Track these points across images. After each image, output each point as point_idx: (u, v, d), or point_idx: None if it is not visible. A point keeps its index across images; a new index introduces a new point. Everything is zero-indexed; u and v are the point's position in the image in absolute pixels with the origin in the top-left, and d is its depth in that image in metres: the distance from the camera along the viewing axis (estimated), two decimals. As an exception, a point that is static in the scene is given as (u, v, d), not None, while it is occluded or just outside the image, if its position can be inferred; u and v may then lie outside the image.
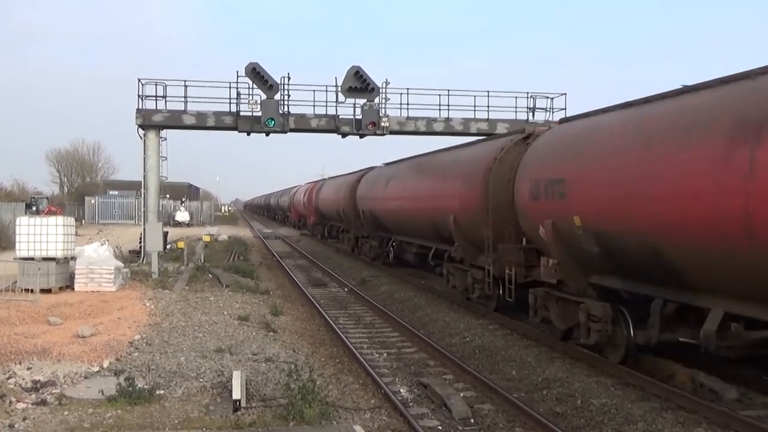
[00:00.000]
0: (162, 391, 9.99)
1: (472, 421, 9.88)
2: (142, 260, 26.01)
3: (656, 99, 10.86)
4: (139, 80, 26.91)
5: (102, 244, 20.52)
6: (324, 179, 50.72)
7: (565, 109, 28.69)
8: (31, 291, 17.64)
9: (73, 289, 18.74)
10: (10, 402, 9.36)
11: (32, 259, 18.37)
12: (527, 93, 28.78)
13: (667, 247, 9.71)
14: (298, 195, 61.17)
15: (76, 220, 22.74)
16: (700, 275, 9.46)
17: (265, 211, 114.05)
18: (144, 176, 27.56)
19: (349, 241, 35.78)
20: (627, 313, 11.48)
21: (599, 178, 11.23)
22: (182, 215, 67.67)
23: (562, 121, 15.15)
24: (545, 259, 13.32)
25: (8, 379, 10.34)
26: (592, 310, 11.89)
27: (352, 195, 33.24)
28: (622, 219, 10.53)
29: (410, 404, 10.64)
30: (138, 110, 26.94)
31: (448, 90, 28.26)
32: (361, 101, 27.15)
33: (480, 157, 17.43)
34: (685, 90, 10.22)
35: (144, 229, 26.24)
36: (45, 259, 18.39)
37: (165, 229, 27.84)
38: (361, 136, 27.89)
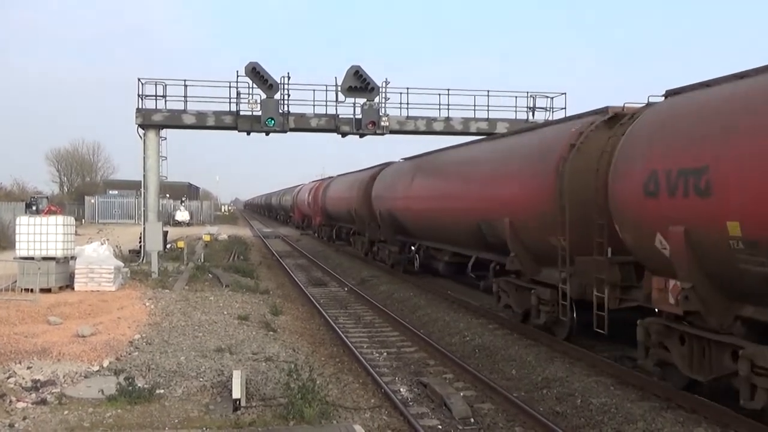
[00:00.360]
0: (162, 391, 9.99)
1: (472, 420, 9.89)
2: (142, 260, 26.02)
3: None
4: (138, 80, 26.93)
5: (102, 244, 20.53)
6: (332, 177, 45.04)
7: (564, 108, 28.74)
8: (31, 290, 17.64)
9: (72, 288, 18.74)
10: (10, 401, 9.36)
11: (32, 258, 18.37)
12: (527, 92, 28.81)
13: None
14: (302, 194, 57.22)
15: (75, 220, 22.75)
16: None
17: (266, 210, 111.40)
18: (144, 176, 27.56)
19: (362, 245, 32.42)
20: None
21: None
22: (182, 215, 67.65)
23: (670, 94, 10.60)
24: (661, 279, 9.97)
25: (8, 378, 10.34)
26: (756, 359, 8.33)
27: (366, 194, 29.99)
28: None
29: (410, 403, 10.65)
30: (138, 110, 26.94)
31: (448, 89, 28.31)
32: (361, 101, 27.17)
33: (549, 145, 13.97)
34: None
35: (144, 228, 26.25)
36: (45, 258, 18.39)
37: (165, 229, 27.86)
38: (361, 135, 27.90)
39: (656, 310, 10.28)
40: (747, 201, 7.98)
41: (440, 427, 9.66)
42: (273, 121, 26.37)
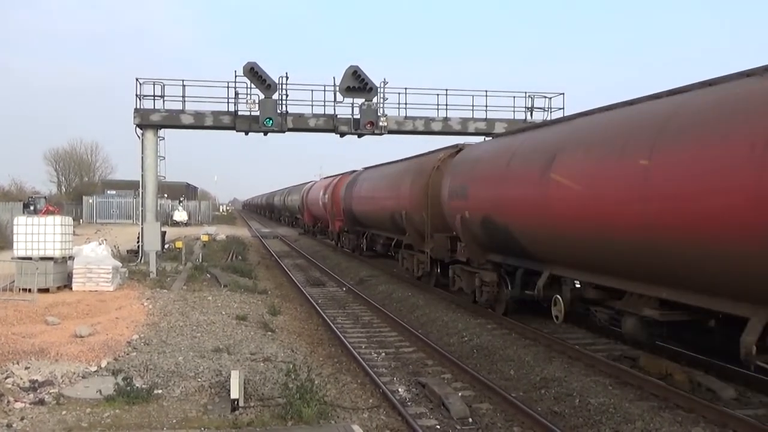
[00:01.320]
0: (160, 391, 9.98)
1: (471, 420, 9.88)
2: (140, 260, 26.02)
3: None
4: (137, 80, 26.95)
5: (100, 244, 20.54)
6: (357, 170, 35.31)
7: (563, 108, 28.80)
8: (29, 290, 17.62)
9: (70, 288, 18.73)
10: (8, 402, 9.34)
11: (30, 258, 18.36)
12: (525, 92, 28.87)
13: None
14: (314, 193, 47.14)
15: (73, 220, 22.74)
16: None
17: (267, 211, 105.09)
18: (142, 176, 27.59)
19: (418, 265, 22.18)
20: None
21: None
22: (180, 215, 67.67)
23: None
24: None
25: (6, 378, 10.33)
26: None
27: (431, 190, 20.19)
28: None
29: (408, 404, 10.64)
30: (136, 110, 26.95)
31: (446, 89, 28.37)
32: (360, 101, 27.21)
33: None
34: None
35: (142, 228, 26.25)
36: (43, 258, 18.38)
37: (163, 229, 27.84)
38: (360, 135, 27.93)
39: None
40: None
41: (438, 427, 9.66)
42: (271, 121, 26.39)
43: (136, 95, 26.90)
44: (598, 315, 12.84)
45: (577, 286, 13.13)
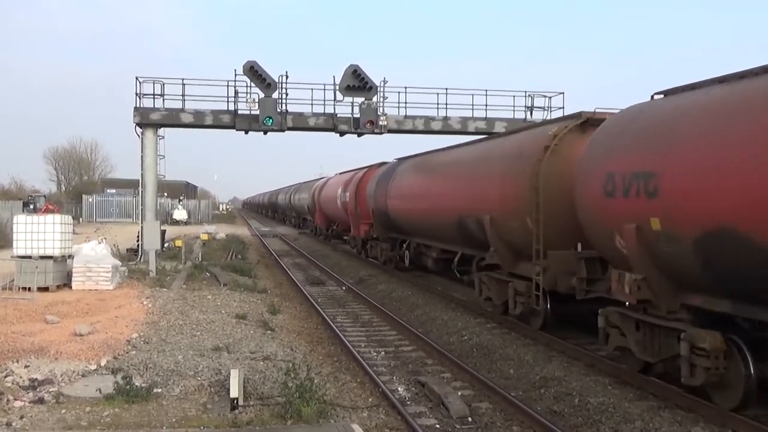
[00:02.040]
0: (159, 390, 9.97)
1: (470, 419, 9.88)
2: (140, 259, 26.01)
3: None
4: (136, 78, 26.94)
5: (99, 243, 20.52)
6: (394, 161, 27.41)
7: (563, 108, 28.78)
8: (29, 289, 17.62)
9: (70, 287, 18.72)
10: (8, 400, 9.34)
11: (30, 257, 18.34)
12: (525, 92, 28.85)
13: None
14: (329, 190, 39.96)
15: (73, 219, 22.72)
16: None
17: (270, 210, 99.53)
18: (142, 174, 27.59)
19: (517, 299, 15.10)
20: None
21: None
22: (180, 213, 67.66)
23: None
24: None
25: (5, 377, 10.32)
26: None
27: (547, 182, 13.25)
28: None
29: (408, 403, 10.65)
30: (136, 108, 26.95)
31: (446, 89, 28.36)
32: (359, 100, 27.19)
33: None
34: None
35: (141, 227, 26.25)
36: (42, 257, 18.37)
37: (163, 228, 27.85)
38: (359, 134, 27.93)
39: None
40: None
41: (438, 426, 9.66)
42: (271, 120, 26.39)
43: (136, 94, 26.91)
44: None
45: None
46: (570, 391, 10.73)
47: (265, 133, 27.76)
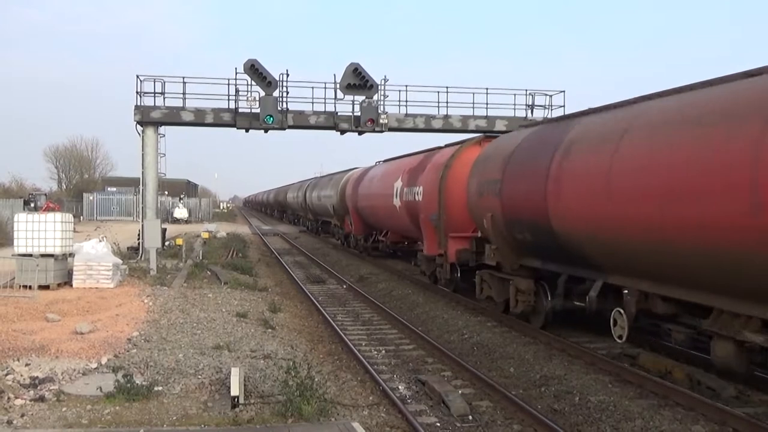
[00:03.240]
0: (160, 388, 9.98)
1: (471, 417, 9.89)
2: (141, 257, 26.01)
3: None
4: (137, 77, 26.94)
5: (100, 241, 20.52)
6: (521, 130, 16.16)
7: (563, 106, 28.78)
8: (29, 287, 17.62)
9: (71, 285, 18.72)
10: (9, 398, 9.35)
11: (30, 255, 18.35)
12: (526, 90, 28.83)
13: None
14: (373, 184, 29.25)
15: (74, 217, 22.73)
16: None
17: (276, 210, 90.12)
18: (142, 173, 27.60)
19: None
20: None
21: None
22: (181, 212, 67.59)
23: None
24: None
25: (6, 375, 10.33)
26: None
27: None
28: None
29: (408, 401, 10.65)
30: (136, 107, 26.95)
31: (447, 87, 28.36)
32: (360, 98, 27.18)
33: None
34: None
35: (142, 225, 26.23)
36: (43, 255, 18.37)
37: (163, 226, 27.84)
38: (360, 133, 27.93)
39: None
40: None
41: (438, 424, 9.67)
42: (272, 119, 26.40)
43: (137, 92, 26.90)
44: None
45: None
46: (570, 390, 10.74)
47: (265, 131, 27.77)
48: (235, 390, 9.29)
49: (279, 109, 26.78)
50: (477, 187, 16.23)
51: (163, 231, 27.35)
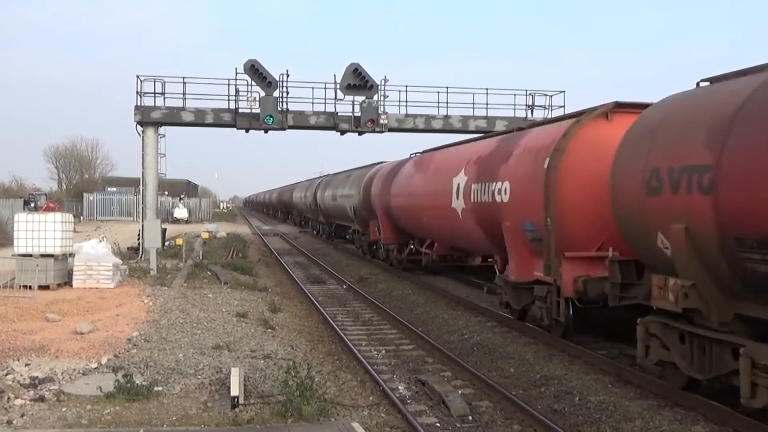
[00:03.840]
0: (160, 388, 9.98)
1: (470, 418, 9.89)
2: (141, 257, 26.02)
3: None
4: (137, 77, 26.96)
5: (100, 241, 20.51)
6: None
7: (563, 106, 28.77)
8: (29, 287, 17.63)
9: (71, 285, 18.73)
10: (8, 398, 9.35)
11: (30, 255, 18.36)
12: (526, 90, 28.83)
13: None
14: (401, 186, 24.40)
15: (74, 217, 22.73)
16: None
17: (280, 212, 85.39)
18: (142, 173, 27.60)
19: None
20: None
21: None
22: (181, 212, 67.60)
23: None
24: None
25: (6, 375, 10.33)
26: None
27: None
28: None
29: (408, 401, 10.65)
30: (136, 107, 26.95)
31: (447, 87, 28.39)
32: (360, 98, 27.20)
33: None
34: None
35: (142, 225, 26.24)
36: (43, 255, 18.37)
37: (163, 226, 27.84)
38: (360, 133, 27.95)
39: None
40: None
41: (438, 424, 9.67)
42: (272, 119, 26.42)
43: (137, 92, 26.91)
44: None
45: None
46: (570, 390, 10.74)
47: (265, 131, 27.78)
48: (235, 390, 9.29)
49: (279, 109, 26.79)
50: (642, 180, 9.75)
51: (163, 231, 27.35)
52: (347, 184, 34.98)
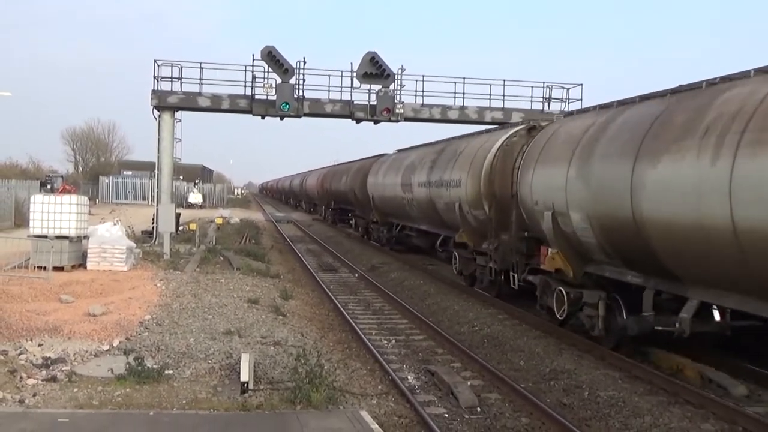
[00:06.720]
0: (171, 371, 10.05)
1: (479, 409, 9.88)
2: (154, 241, 26.15)
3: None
4: (155, 61, 26.97)
5: (114, 224, 20.63)
6: None
7: (581, 99, 28.53)
8: (44, 268, 17.76)
9: (85, 267, 18.86)
10: (21, 378, 9.45)
11: (46, 236, 18.48)
12: (543, 83, 28.62)
13: None
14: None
15: (89, 200, 22.87)
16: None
17: (300, 200, 75.67)
18: (158, 157, 27.67)
19: None
20: None
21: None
22: (195, 197, 67.88)
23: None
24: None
25: (19, 355, 10.44)
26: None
27: None
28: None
29: (417, 391, 10.66)
30: (153, 91, 27.01)
31: (464, 78, 28.20)
32: (377, 87, 27.09)
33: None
34: None
35: (157, 209, 26.34)
36: (58, 237, 18.49)
37: (178, 211, 27.95)
38: (376, 122, 27.87)
39: None
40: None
41: (447, 415, 9.67)
42: (288, 106, 26.37)
43: (154, 77, 26.95)
44: None
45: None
46: (580, 384, 10.71)
47: (281, 118, 27.77)
48: (244, 375, 9.33)
49: (295, 96, 26.73)
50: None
51: (177, 216, 27.47)
52: (457, 166, 20.02)
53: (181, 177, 68.51)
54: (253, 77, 26.73)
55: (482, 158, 17.96)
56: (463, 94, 28.18)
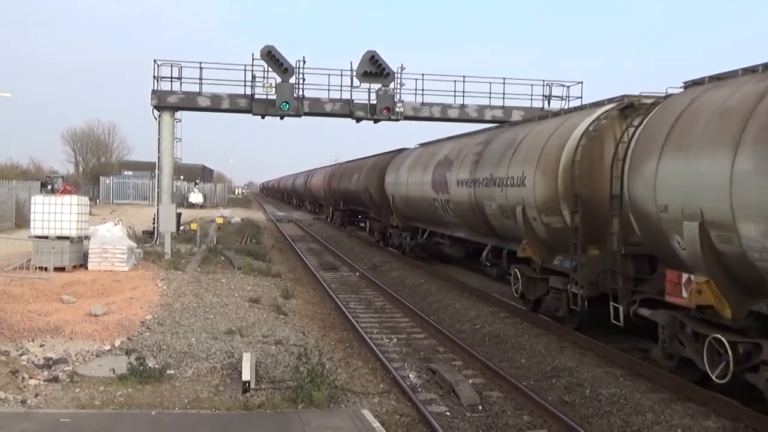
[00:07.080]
0: (172, 371, 10.05)
1: (480, 407, 9.89)
2: (155, 241, 26.15)
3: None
4: (155, 61, 26.98)
5: (116, 224, 20.62)
6: None
7: (581, 97, 28.52)
8: (45, 269, 17.75)
9: (86, 268, 18.85)
10: (23, 378, 9.45)
11: (46, 237, 18.48)
12: (543, 81, 28.61)
13: None
14: None
15: (90, 200, 22.87)
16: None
17: (304, 200, 72.99)
18: (158, 157, 27.68)
19: None
20: None
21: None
22: (196, 197, 67.83)
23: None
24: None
25: (21, 355, 10.45)
26: None
27: None
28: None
29: (419, 389, 10.67)
30: (153, 91, 27.01)
31: (464, 76, 28.21)
32: (376, 86, 27.09)
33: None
34: None
35: (157, 209, 26.36)
36: (59, 237, 18.49)
37: (178, 211, 27.96)
38: (376, 121, 27.86)
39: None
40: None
41: (448, 413, 9.68)
42: (288, 105, 26.38)
43: (154, 77, 26.96)
44: None
45: None
46: (581, 382, 10.71)
47: (281, 118, 27.79)
48: (246, 375, 9.34)
49: (295, 95, 26.74)
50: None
51: (178, 215, 27.47)
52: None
53: (182, 177, 68.47)
54: (253, 77, 26.75)
55: (557, 149, 13.99)
56: (463, 92, 28.20)
